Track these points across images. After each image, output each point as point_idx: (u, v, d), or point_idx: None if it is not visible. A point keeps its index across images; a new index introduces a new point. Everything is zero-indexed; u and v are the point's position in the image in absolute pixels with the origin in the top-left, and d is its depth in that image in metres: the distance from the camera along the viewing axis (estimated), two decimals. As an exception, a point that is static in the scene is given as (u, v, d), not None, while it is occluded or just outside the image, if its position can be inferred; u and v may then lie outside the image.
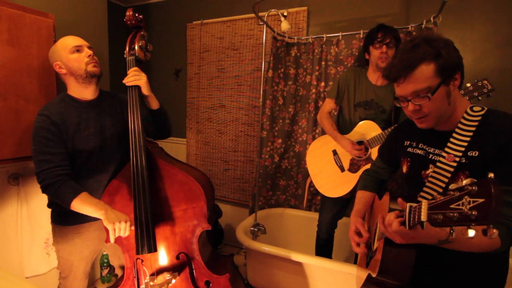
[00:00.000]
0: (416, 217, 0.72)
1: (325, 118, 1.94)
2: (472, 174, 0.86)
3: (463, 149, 0.87)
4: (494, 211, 0.55)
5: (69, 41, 1.30)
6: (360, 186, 1.26)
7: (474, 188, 0.59)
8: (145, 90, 1.32)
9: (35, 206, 1.80)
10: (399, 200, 0.87)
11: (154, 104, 1.40)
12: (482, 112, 0.88)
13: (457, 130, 0.90)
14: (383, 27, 1.70)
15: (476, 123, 0.87)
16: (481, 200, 0.57)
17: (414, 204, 0.77)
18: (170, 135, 1.53)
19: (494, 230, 0.57)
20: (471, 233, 0.58)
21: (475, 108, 0.90)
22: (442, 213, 0.63)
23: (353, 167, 1.84)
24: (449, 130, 0.92)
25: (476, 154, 0.86)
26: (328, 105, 1.95)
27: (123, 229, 1.18)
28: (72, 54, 1.27)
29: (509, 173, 0.81)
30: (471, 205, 0.59)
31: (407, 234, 0.79)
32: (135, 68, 1.31)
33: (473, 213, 0.58)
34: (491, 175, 0.58)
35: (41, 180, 1.20)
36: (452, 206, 0.62)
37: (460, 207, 0.60)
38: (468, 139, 0.87)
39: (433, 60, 0.84)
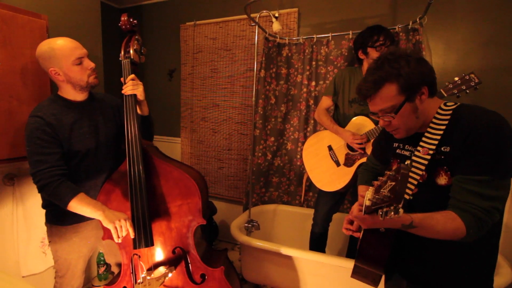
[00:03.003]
0: (365, 205, 0.77)
1: (323, 114, 1.96)
2: (450, 169, 0.88)
3: (436, 142, 0.90)
4: (397, 192, 0.64)
5: (69, 50, 1.23)
6: (361, 181, 1.27)
7: (392, 173, 0.68)
8: (141, 97, 1.34)
9: (31, 205, 1.78)
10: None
11: (145, 110, 1.40)
12: (453, 107, 0.91)
13: (431, 125, 0.93)
14: (383, 29, 1.72)
15: (448, 117, 0.90)
16: (393, 183, 0.66)
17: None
18: (151, 140, 1.55)
19: (391, 213, 0.65)
20: (391, 212, 0.66)
21: (448, 103, 0.93)
22: (375, 197, 0.70)
23: (348, 162, 1.86)
24: None
25: (448, 149, 0.88)
26: (325, 102, 1.97)
27: (124, 226, 1.18)
28: (75, 66, 1.24)
29: (472, 163, 0.83)
30: (388, 188, 0.67)
31: (366, 219, 0.81)
32: (132, 76, 1.31)
33: (388, 194, 0.66)
34: (407, 162, 0.69)
35: (38, 180, 1.18)
36: (381, 190, 0.69)
37: (383, 190, 0.68)
38: (440, 132, 0.89)
39: (395, 80, 0.87)
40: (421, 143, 0.93)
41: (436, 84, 0.92)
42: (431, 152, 0.90)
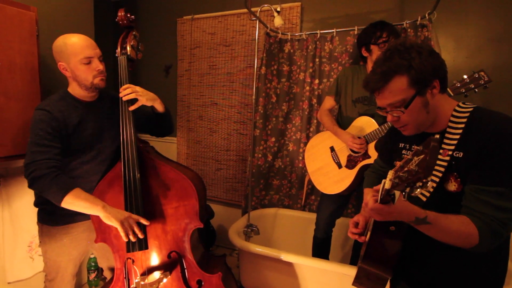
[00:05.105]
0: (384, 188, 0.77)
1: (325, 115, 1.99)
2: (460, 175, 0.88)
3: (455, 142, 0.90)
4: (427, 164, 0.67)
5: (79, 48, 1.27)
6: (367, 184, 1.28)
7: (420, 148, 0.71)
8: (147, 102, 1.36)
9: (18, 208, 1.78)
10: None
11: (160, 108, 1.43)
12: (470, 110, 0.91)
13: (450, 124, 0.92)
14: (386, 25, 1.74)
15: (464, 120, 0.90)
16: (422, 157, 0.69)
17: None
18: (172, 132, 1.64)
19: (417, 190, 0.69)
20: (417, 189, 0.69)
21: (462, 105, 0.93)
22: (398, 177, 0.72)
23: (350, 164, 1.88)
24: (439, 131, 0.95)
25: (461, 155, 0.88)
26: (328, 102, 2.00)
27: (135, 228, 1.20)
28: (82, 64, 1.27)
29: (488, 174, 0.83)
30: (416, 162, 0.69)
31: (382, 209, 0.81)
32: (127, 85, 1.33)
33: (416, 169, 0.68)
34: (436, 136, 0.70)
35: (32, 171, 1.15)
36: (405, 168, 0.71)
37: (409, 166, 0.70)
38: (458, 136, 0.90)
39: (405, 72, 0.86)
40: (443, 145, 0.92)
41: (447, 78, 0.92)
42: (449, 152, 0.90)
